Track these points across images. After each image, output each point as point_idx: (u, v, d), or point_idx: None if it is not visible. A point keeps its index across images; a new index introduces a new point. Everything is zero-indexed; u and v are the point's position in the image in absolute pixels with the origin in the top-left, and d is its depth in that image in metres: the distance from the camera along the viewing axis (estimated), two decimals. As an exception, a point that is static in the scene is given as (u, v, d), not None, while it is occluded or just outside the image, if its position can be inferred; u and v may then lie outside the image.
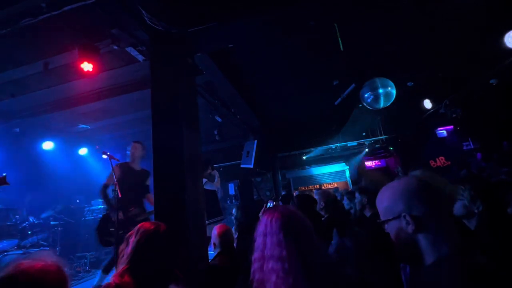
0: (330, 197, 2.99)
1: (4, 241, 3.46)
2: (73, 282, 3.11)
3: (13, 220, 3.74)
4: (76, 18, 2.70)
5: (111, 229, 2.69)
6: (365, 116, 6.90)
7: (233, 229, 2.86)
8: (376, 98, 4.58)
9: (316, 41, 3.67)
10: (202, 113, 3.44)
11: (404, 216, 0.80)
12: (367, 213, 2.70)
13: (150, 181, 3.21)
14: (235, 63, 4.01)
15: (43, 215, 4.35)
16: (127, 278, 1.20)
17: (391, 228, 0.85)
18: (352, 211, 3.61)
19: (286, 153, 9.05)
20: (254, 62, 4.10)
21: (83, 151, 6.14)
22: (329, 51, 3.72)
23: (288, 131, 7.65)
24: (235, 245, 2.25)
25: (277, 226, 0.95)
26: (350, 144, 8.47)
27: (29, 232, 3.75)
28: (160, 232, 1.36)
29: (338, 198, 5.72)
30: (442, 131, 7.71)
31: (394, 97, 4.57)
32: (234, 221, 3.18)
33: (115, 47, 3.02)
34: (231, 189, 8.47)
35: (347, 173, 9.73)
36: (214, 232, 1.99)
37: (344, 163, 9.84)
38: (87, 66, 2.89)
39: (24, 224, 3.75)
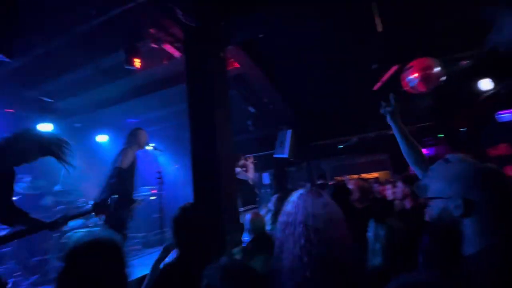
0: (365, 187, 2.89)
1: (75, 219, 4.09)
2: (129, 258, 3.55)
3: (78, 203, 4.37)
4: (120, 22, 2.95)
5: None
6: (410, 101, 6.36)
7: (268, 217, 2.95)
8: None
9: (352, 23, 3.46)
10: (235, 104, 3.54)
11: (455, 199, 0.77)
12: (407, 204, 2.56)
13: None
14: (267, 52, 4.00)
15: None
16: None
17: (435, 206, 0.83)
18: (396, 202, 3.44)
19: (321, 141, 8.82)
20: (286, 50, 4.04)
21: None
22: (367, 33, 3.49)
23: (324, 119, 7.42)
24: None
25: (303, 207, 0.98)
26: (391, 132, 7.90)
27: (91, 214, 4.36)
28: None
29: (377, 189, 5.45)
30: (505, 115, 6.73)
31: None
32: (269, 210, 3.26)
33: (154, 46, 3.26)
34: (266, 178, 8.59)
35: (389, 163, 9.15)
36: (247, 218, 2.10)
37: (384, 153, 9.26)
38: (131, 65, 3.18)
39: (87, 206, 4.35)
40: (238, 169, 4.56)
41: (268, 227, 2.40)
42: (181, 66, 2.67)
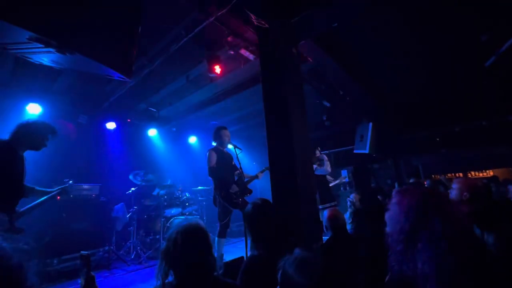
0: (478, 187, 2.36)
1: (174, 209, 4.92)
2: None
3: (177, 194, 5.20)
4: (202, 36, 3.34)
5: (234, 199, 3.39)
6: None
7: (347, 215, 2.80)
8: None
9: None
10: (309, 99, 3.47)
11: None
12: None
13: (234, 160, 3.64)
14: (341, 42, 3.76)
15: (193, 190, 5.82)
16: None
17: None
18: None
19: (411, 134, 7.59)
20: (362, 37, 3.69)
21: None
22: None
23: (413, 108, 6.39)
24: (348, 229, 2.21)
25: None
26: (514, 117, 6.12)
27: (187, 204, 5.13)
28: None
29: (494, 189, 4.37)
30: None
31: None
32: (349, 207, 3.09)
33: (231, 52, 3.53)
34: (344, 174, 8.08)
35: (513, 157, 7.11)
36: (325, 215, 2.05)
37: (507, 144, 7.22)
38: (213, 72, 3.55)
39: (183, 198, 5.14)
40: (314, 166, 4.48)
41: (347, 226, 2.28)
42: (258, 68, 2.81)
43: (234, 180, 3.57)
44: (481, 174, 7.39)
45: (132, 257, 4.41)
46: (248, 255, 1.61)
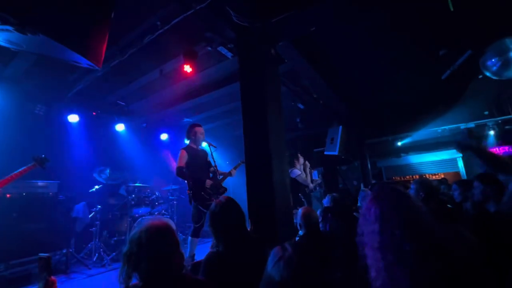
0: (432, 186, 2.60)
1: (142, 208, 4.69)
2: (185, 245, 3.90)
3: (146, 193, 4.97)
4: (180, 29, 3.23)
5: (207, 201, 3.31)
6: (488, 90, 5.44)
7: (318, 213, 2.89)
8: (506, 63, 3.54)
9: (416, 4, 3.11)
10: (284, 101, 3.54)
11: None
12: (491, 208, 2.19)
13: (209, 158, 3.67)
14: (317, 47, 3.89)
15: (163, 189, 5.60)
16: None
17: None
18: (467, 204, 2.99)
19: (376, 139, 8.16)
20: (337, 43, 3.86)
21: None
22: (434, 14, 3.11)
23: (379, 114, 6.86)
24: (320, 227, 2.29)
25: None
26: (464, 126, 6.87)
27: (156, 203, 4.92)
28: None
29: (444, 190, 4.82)
30: None
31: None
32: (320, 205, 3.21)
33: (209, 49, 3.47)
34: (315, 176, 8.37)
35: (460, 162, 7.96)
36: (300, 213, 2.10)
37: (455, 150, 8.06)
38: (188, 68, 3.46)
39: (153, 197, 4.93)
40: (298, 172, 4.53)
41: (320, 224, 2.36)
42: (235, 66, 2.80)
43: (209, 177, 3.53)
44: (434, 176, 8.14)
45: (94, 260, 4.11)
46: (209, 252, 1.62)
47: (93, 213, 4.40)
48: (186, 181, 3.47)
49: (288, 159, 4.54)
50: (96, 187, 4.58)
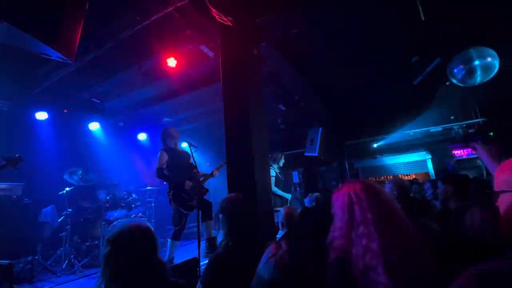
0: (404, 185, 2.74)
1: (118, 211, 4.47)
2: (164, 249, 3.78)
3: (122, 195, 4.75)
4: (160, 26, 3.14)
5: (188, 202, 3.24)
6: (454, 96, 5.84)
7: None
8: (470, 72, 3.82)
9: (390, 13, 3.28)
10: (266, 102, 3.56)
11: None
12: (452, 205, 2.37)
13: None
14: (299, 49, 3.96)
15: (140, 190, 5.40)
16: None
17: (505, 200, 0.85)
18: (437, 202, 3.22)
19: (354, 141, 8.48)
20: (318, 47, 3.96)
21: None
22: (407, 23, 3.29)
23: (357, 116, 7.13)
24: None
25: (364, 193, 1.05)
26: (433, 129, 7.33)
27: (133, 205, 4.72)
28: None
29: (416, 190, 5.09)
30: None
31: (496, 70, 3.72)
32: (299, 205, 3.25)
33: (190, 47, 3.41)
34: (295, 177, 8.50)
35: (429, 164, 8.49)
36: (282, 213, 2.11)
37: (425, 152, 8.60)
38: (169, 65, 3.37)
39: (129, 199, 4.72)
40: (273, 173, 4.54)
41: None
42: (216, 66, 2.77)
43: (190, 178, 3.45)
44: (407, 177, 8.59)
45: (64, 267, 3.85)
46: (218, 251, 1.55)
47: (63, 217, 4.13)
48: (166, 183, 3.37)
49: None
50: (67, 189, 4.29)
